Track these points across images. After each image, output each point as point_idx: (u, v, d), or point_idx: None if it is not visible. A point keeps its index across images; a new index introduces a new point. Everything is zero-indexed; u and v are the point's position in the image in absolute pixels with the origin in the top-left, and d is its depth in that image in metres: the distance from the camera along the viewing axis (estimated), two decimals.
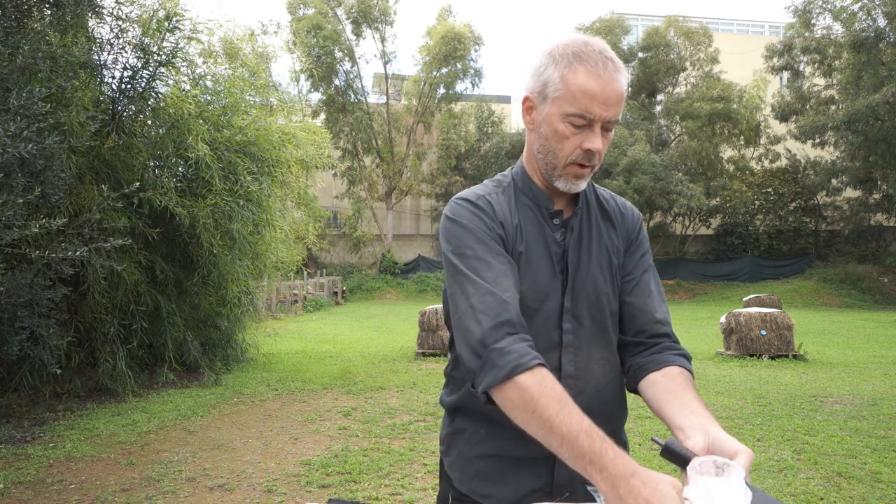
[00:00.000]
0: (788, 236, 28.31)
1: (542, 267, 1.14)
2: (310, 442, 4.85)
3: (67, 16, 5.39)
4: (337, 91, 27.71)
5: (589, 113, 1.05)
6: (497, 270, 1.07)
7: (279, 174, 8.01)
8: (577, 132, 1.07)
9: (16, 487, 3.80)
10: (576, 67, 1.05)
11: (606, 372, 1.18)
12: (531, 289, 1.13)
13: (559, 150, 1.10)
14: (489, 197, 1.17)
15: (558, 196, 1.19)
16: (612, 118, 1.07)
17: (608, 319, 1.19)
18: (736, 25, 39.84)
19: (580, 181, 1.13)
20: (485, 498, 1.17)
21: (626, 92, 1.09)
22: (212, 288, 7.26)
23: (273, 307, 17.15)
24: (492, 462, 1.17)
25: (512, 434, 1.07)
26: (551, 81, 1.08)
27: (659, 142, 27.92)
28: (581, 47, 1.07)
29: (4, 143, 4.09)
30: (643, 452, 4.42)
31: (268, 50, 10.07)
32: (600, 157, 1.11)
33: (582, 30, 28.57)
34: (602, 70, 1.04)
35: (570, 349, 1.15)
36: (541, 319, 1.13)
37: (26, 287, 4.55)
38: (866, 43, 21.97)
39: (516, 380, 0.96)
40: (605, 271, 1.19)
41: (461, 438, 1.22)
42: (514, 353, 0.98)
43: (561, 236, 1.18)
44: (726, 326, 9.20)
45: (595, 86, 1.04)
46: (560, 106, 1.07)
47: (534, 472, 1.15)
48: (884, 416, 5.41)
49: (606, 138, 1.10)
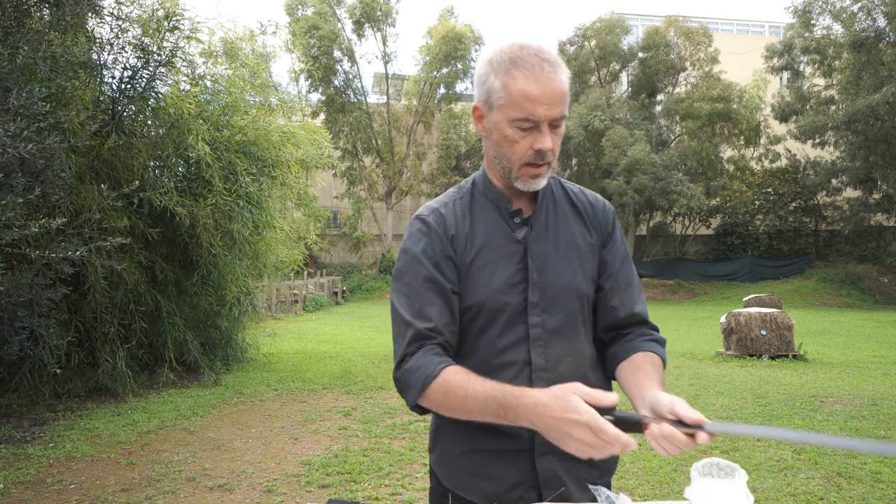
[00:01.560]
0: (788, 236, 28.30)
1: (502, 266, 1.18)
2: (310, 442, 4.85)
3: (67, 15, 5.38)
4: (336, 91, 27.70)
5: (533, 116, 1.08)
6: (424, 300, 1.15)
7: (279, 174, 8.00)
8: (525, 135, 1.11)
9: (16, 487, 3.80)
10: (514, 74, 1.08)
11: (580, 363, 1.20)
12: (491, 288, 1.17)
13: (511, 153, 1.14)
14: (444, 209, 1.23)
15: (519, 196, 1.23)
16: (558, 116, 1.10)
17: (578, 312, 1.21)
18: (736, 25, 39.83)
19: (537, 180, 1.16)
20: (469, 493, 1.19)
21: (567, 87, 1.12)
22: (212, 288, 7.26)
23: (273, 307, 17.15)
24: (473, 458, 1.19)
25: (489, 429, 1.13)
26: (494, 90, 1.11)
27: (659, 142, 27.89)
28: (517, 52, 1.10)
29: (4, 143, 4.09)
30: (643, 452, 4.42)
31: (267, 50, 10.05)
32: (554, 154, 1.14)
33: (582, 30, 28.59)
34: (539, 72, 1.08)
35: (540, 342, 1.17)
36: (507, 315, 1.17)
37: (26, 287, 4.55)
38: (866, 43, 21.96)
39: (427, 391, 1.08)
40: (574, 265, 1.21)
41: (444, 436, 1.25)
42: (420, 368, 1.09)
43: (522, 234, 1.20)
44: (726, 326, 9.20)
45: (534, 89, 1.07)
46: (505, 112, 1.11)
47: (514, 465, 1.17)
48: (884, 416, 5.41)
49: (557, 134, 1.13)
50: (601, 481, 1.24)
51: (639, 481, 3.84)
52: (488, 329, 1.18)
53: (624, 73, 30.03)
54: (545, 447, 1.15)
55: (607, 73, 29.56)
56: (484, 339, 1.18)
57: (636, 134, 25.25)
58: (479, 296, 1.17)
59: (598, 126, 25.56)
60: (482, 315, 1.18)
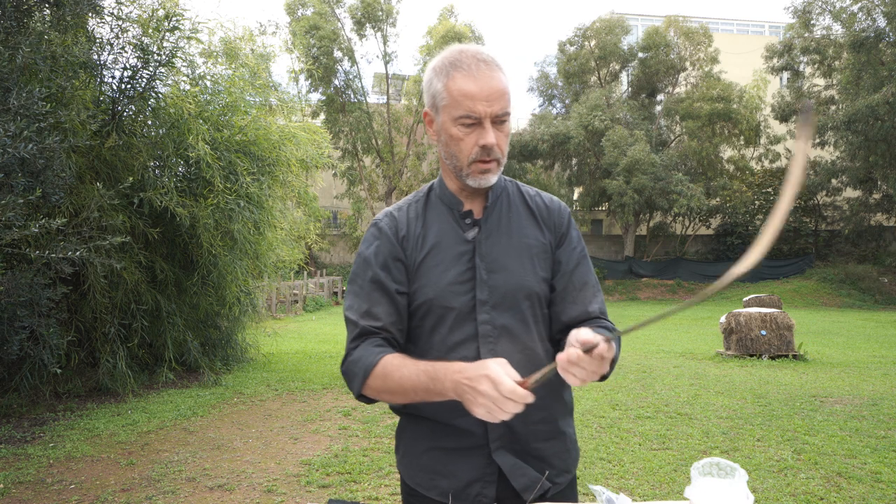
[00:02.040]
0: (788, 236, 28.30)
1: (451, 265, 1.23)
2: (310, 442, 4.85)
3: (67, 15, 5.38)
4: (336, 91, 27.70)
5: (474, 112, 1.14)
6: (371, 301, 1.22)
7: (279, 174, 8.00)
8: (469, 132, 1.17)
9: (16, 487, 3.80)
10: (454, 75, 1.16)
11: (532, 360, 1.23)
12: (440, 286, 1.22)
13: (459, 151, 1.19)
14: (398, 212, 1.30)
15: (473, 198, 1.28)
16: (499, 112, 1.16)
17: (529, 311, 1.24)
18: (736, 25, 39.84)
19: (487, 175, 1.20)
20: (429, 491, 1.24)
21: (506, 86, 1.17)
22: (212, 288, 7.26)
23: (273, 307, 17.14)
24: (433, 455, 1.24)
25: (448, 428, 1.21)
26: (438, 93, 1.19)
27: (659, 142, 27.88)
28: (457, 56, 1.18)
29: (4, 143, 4.09)
30: (643, 452, 4.42)
31: (267, 50, 10.04)
32: (502, 151, 1.20)
33: (582, 30, 28.60)
34: (476, 72, 1.15)
35: (490, 339, 1.21)
36: (456, 313, 1.21)
37: (26, 286, 4.55)
38: (866, 43, 21.96)
39: (369, 379, 1.14)
40: (525, 264, 1.25)
41: (406, 436, 1.31)
42: (361, 358, 1.16)
43: (472, 234, 1.25)
44: (726, 326, 9.20)
45: (472, 87, 1.14)
46: (449, 112, 1.17)
47: (471, 462, 1.21)
48: (884, 416, 5.41)
49: (502, 131, 1.19)
50: (561, 479, 1.27)
51: (639, 481, 3.84)
52: (439, 327, 1.23)
53: (624, 73, 30.02)
54: (498, 442, 1.20)
55: (607, 73, 29.55)
56: (436, 336, 1.23)
57: (636, 134, 25.23)
58: (429, 293, 1.22)
59: (598, 126, 25.56)
60: (432, 313, 1.23)
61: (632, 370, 8.05)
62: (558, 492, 1.26)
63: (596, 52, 28.45)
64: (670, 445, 4.61)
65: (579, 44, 29.05)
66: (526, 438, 1.23)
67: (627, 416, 5.52)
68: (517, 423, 1.20)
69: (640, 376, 7.58)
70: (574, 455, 1.32)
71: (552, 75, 31.36)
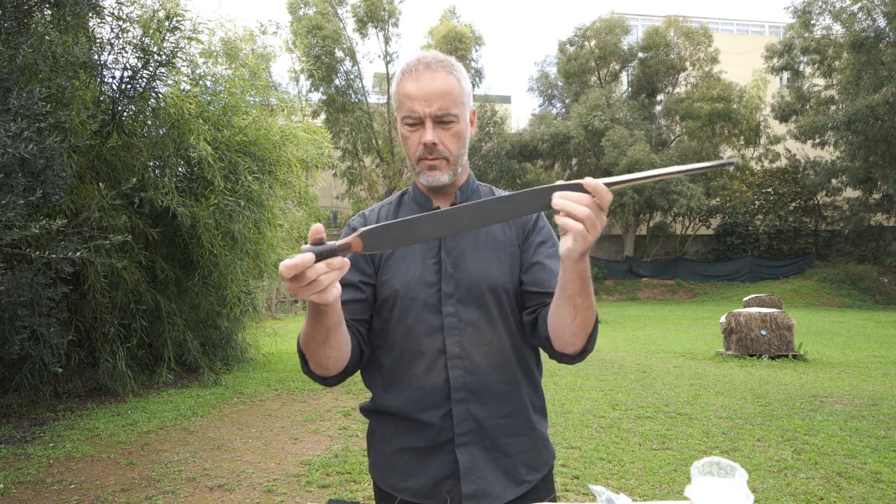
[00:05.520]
0: (788, 236, 28.30)
1: (418, 259, 1.27)
2: (310, 442, 4.85)
3: (68, 16, 5.38)
4: (337, 91, 27.69)
5: (413, 112, 1.20)
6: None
7: (280, 174, 8.01)
8: (413, 131, 1.23)
9: (16, 487, 3.80)
10: (401, 79, 1.23)
11: (499, 353, 1.25)
12: (406, 279, 1.25)
13: (408, 150, 1.26)
14: (370, 212, 1.37)
15: (442, 197, 1.33)
16: (438, 112, 1.19)
17: (494, 304, 1.26)
18: (736, 25, 39.84)
19: (434, 172, 1.24)
20: (401, 492, 1.25)
21: (451, 87, 1.21)
22: (212, 288, 7.26)
23: (273, 307, 17.15)
24: (403, 456, 1.26)
25: (416, 428, 1.23)
26: (393, 98, 1.26)
27: (659, 142, 27.88)
28: (410, 61, 1.24)
29: (5, 143, 4.09)
30: (643, 452, 4.42)
31: (268, 50, 10.05)
32: (448, 150, 1.23)
33: (582, 30, 28.62)
34: (418, 75, 1.21)
35: (455, 331, 1.23)
36: (421, 305, 1.24)
37: (26, 286, 4.55)
38: (866, 43, 21.96)
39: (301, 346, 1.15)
40: (491, 259, 1.27)
41: (376, 438, 1.33)
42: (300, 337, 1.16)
43: None
44: (726, 326, 9.20)
45: (412, 88, 1.20)
46: (398, 114, 1.25)
47: (439, 460, 1.23)
48: (884, 416, 5.41)
49: (447, 131, 1.22)
50: (531, 477, 1.27)
51: (639, 481, 3.84)
52: (405, 318, 1.25)
53: (624, 73, 30.04)
54: (465, 437, 1.21)
55: (607, 73, 29.56)
56: (402, 327, 1.25)
57: (636, 134, 25.24)
58: (396, 286, 1.25)
59: (598, 126, 25.56)
60: (399, 305, 1.25)
61: (632, 370, 8.05)
62: (530, 489, 1.26)
63: (596, 52, 28.46)
64: (670, 445, 4.61)
65: (579, 44, 29.06)
66: (494, 433, 1.23)
67: (627, 416, 5.52)
68: (485, 418, 1.22)
69: (640, 376, 7.58)
70: (546, 455, 1.31)
71: (552, 75, 31.38)
